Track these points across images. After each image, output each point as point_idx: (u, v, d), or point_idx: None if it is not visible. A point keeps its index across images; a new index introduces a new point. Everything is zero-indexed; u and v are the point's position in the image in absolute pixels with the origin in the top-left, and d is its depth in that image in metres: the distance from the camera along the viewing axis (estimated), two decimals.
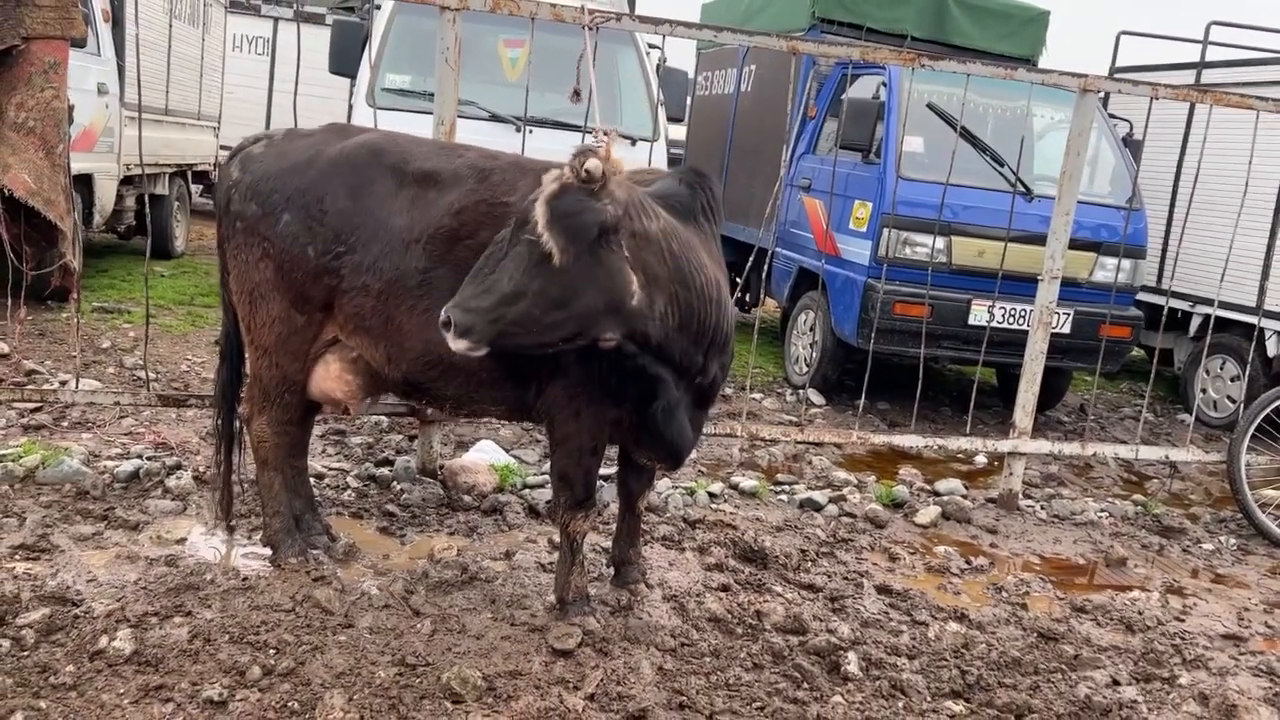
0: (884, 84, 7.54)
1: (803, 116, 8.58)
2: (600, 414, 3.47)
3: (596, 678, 3.26)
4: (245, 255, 3.62)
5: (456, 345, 2.95)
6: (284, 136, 3.77)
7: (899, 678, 3.49)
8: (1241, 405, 7.23)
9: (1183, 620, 4.38)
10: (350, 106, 7.03)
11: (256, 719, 2.88)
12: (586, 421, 3.47)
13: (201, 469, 4.66)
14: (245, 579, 3.66)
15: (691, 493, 5.11)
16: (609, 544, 4.36)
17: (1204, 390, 8.64)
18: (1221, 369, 8.53)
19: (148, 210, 8.52)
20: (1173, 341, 9.06)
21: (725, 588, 4.10)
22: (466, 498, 4.73)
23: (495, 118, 6.48)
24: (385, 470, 4.91)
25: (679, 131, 11.16)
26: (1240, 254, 7.71)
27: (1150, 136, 8.49)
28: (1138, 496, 6.14)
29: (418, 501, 4.63)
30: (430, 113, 4.70)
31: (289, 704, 2.94)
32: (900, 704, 3.36)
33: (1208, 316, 8.31)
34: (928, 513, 5.30)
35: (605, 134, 3.20)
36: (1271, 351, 7.93)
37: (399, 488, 4.76)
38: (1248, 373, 8.09)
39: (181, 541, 4.00)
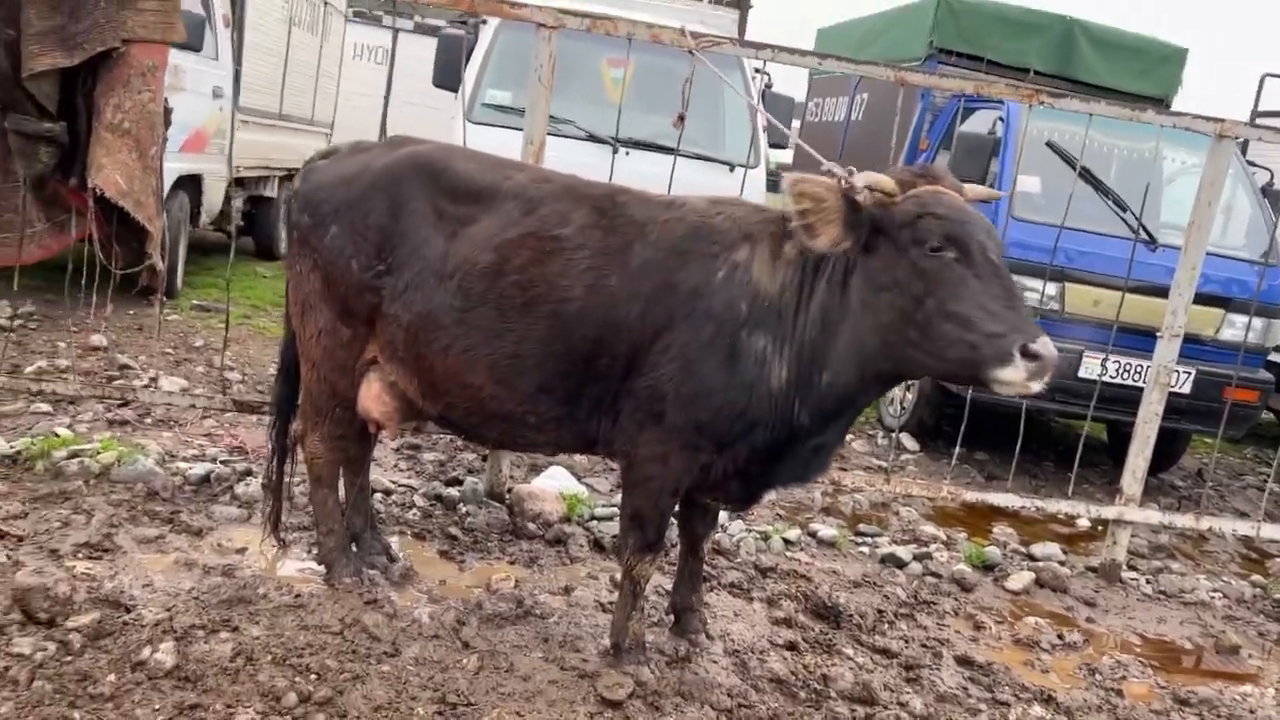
0: (1001, 119, 7.19)
1: (914, 148, 8.27)
2: (694, 459, 3.22)
3: None
4: (299, 265, 3.54)
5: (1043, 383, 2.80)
6: (348, 150, 3.67)
7: None
8: None
9: None
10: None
11: None
12: (675, 465, 3.23)
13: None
14: (298, 596, 3.59)
15: (766, 538, 4.87)
16: (670, 585, 4.19)
17: None
18: None
19: (230, 210, 8.58)
20: None
21: (792, 646, 3.86)
22: (531, 525, 4.60)
23: (592, 138, 6.39)
24: (453, 490, 4.82)
25: (778, 156, 10.98)
26: None
27: None
28: (1257, 577, 5.63)
29: (482, 526, 4.52)
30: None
31: None
32: None
33: None
34: (1020, 578, 4.94)
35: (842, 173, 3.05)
36: None
37: (464, 510, 4.65)
38: None
39: (241, 551, 3.96)
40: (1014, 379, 2.74)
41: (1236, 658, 4.57)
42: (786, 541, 4.91)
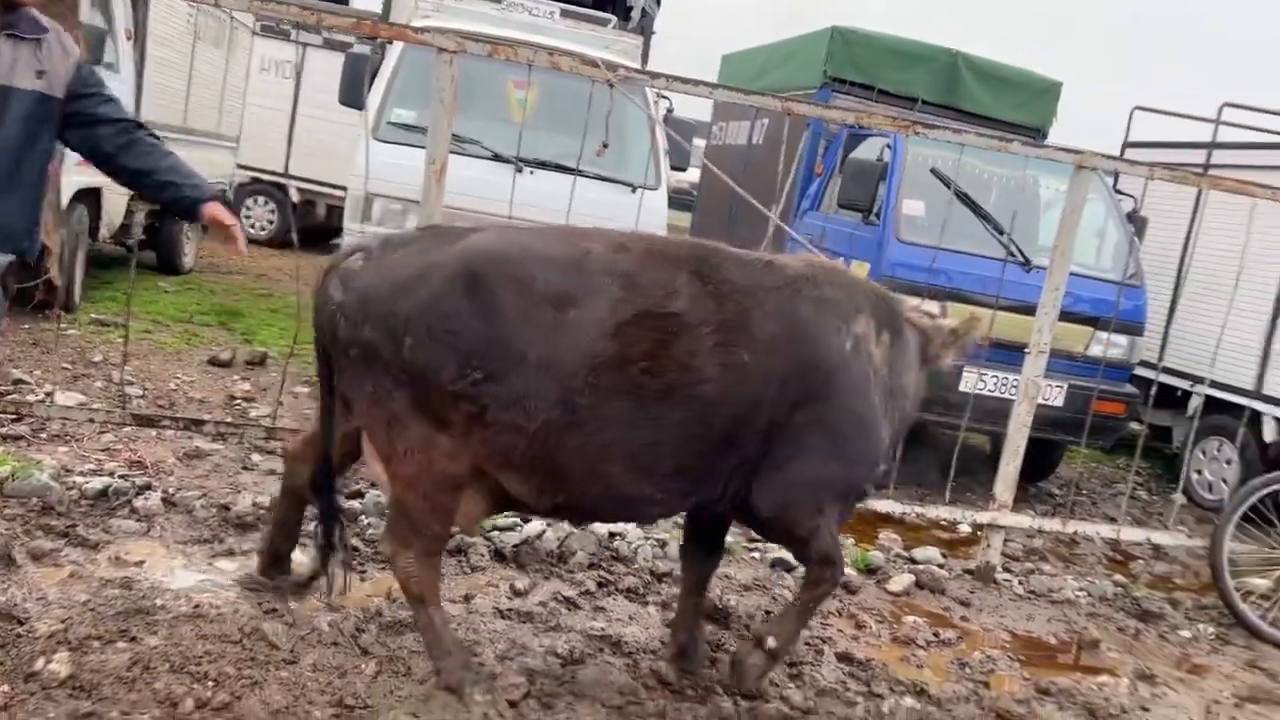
0: (889, 146, 7.57)
1: (809, 173, 8.62)
2: (847, 507, 3.79)
3: None
4: (371, 386, 3.22)
5: None
6: (381, 247, 3.35)
7: None
8: (1231, 490, 7.14)
9: (1148, 710, 4.30)
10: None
11: None
12: (830, 513, 3.59)
13: (171, 490, 4.66)
14: (197, 606, 3.65)
15: (663, 545, 5.06)
16: (570, 592, 4.35)
17: (1199, 472, 8.54)
18: (1219, 451, 8.43)
19: (129, 222, 8.52)
20: (1171, 419, 8.97)
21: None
22: None
23: (497, 157, 6.52)
24: (355, 503, 4.89)
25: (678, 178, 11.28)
26: (1241, 337, 7.68)
27: (1162, 214, 8.48)
28: (1119, 577, 6.03)
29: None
30: None
31: None
32: None
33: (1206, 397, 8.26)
34: (901, 580, 5.23)
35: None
36: (1269, 437, 7.85)
37: (366, 521, 4.73)
38: (1242, 457, 7.99)
39: (140, 564, 3.98)
40: None
41: (1097, 651, 4.92)
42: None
